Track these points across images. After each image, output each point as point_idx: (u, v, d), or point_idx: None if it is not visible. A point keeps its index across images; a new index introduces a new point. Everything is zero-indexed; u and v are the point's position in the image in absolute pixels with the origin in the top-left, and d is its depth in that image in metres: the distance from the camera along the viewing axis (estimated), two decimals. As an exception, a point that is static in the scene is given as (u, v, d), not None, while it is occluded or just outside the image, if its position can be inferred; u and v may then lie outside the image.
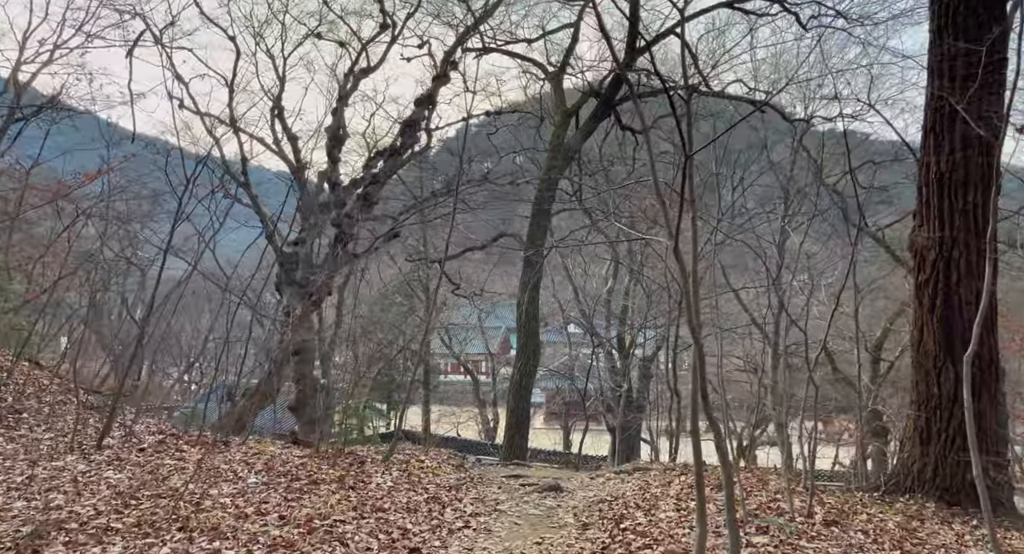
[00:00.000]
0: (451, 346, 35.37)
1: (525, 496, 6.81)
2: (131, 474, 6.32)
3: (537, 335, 15.44)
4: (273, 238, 13.12)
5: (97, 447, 7.19)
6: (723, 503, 4.55)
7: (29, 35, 14.88)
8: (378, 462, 7.60)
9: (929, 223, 6.91)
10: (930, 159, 6.93)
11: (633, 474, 8.13)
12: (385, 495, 6.23)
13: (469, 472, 7.86)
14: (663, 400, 29.32)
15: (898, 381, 19.11)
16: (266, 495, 5.90)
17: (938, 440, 6.70)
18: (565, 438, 33.33)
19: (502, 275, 31.49)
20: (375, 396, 24.85)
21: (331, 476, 6.67)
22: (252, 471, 6.69)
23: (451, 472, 7.72)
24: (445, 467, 7.93)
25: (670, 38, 16.47)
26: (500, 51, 18.10)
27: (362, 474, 6.90)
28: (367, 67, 14.27)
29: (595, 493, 6.87)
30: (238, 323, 22.41)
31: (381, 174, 12.17)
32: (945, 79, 6.75)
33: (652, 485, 6.94)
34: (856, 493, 6.84)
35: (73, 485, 5.86)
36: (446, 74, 12.45)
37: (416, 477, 7.09)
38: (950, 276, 6.75)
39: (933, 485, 6.66)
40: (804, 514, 5.68)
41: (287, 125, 14.34)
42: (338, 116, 13.34)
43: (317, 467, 7.05)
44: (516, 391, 14.57)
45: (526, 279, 14.88)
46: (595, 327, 24.14)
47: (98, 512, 5.17)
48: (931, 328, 6.84)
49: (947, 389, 6.69)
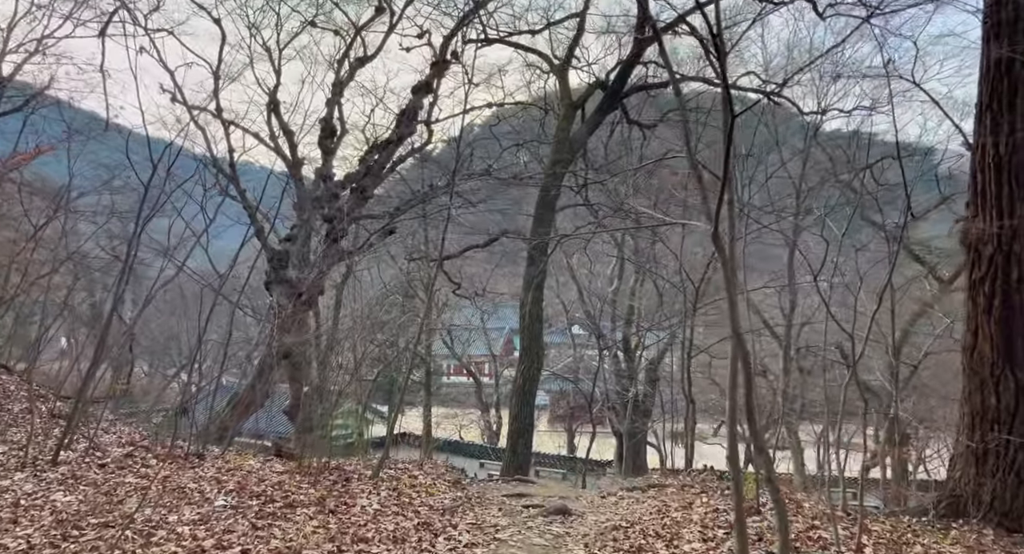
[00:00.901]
0: (453, 347, 34.64)
1: (529, 520, 6.04)
2: (83, 496, 5.58)
3: (541, 337, 14.68)
4: (262, 234, 12.41)
5: (52, 463, 6.46)
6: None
7: (14, 25, 14.24)
8: (366, 479, 6.85)
9: (985, 213, 6.13)
10: (986, 141, 6.14)
11: (647, 492, 7.36)
12: (370, 520, 5.48)
13: (467, 490, 7.10)
14: (671, 404, 28.61)
15: (920, 386, 18.34)
16: (233, 522, 5.16)
17: (996, 458, 5.92)
18: (569, 442, 32.55)
19: (505, 275, 30.76)
20: (376, 398, 24.12)
21: (310, 497, 5.92)
22: (222, 491, 5.94)
23: (447, 490, 6.96)
24: (440, 484, 7.18)
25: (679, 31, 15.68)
26: (503, 42, 17.32)
27: (346, 495, 6.15)
28: (364, 56, 13.55)
29: (607, 517, 6.10)
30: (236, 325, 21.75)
31: (376, 166, 11.42)
32: (1004, 44, 5.93)
33: (671, 507, 6.18)
34: (902, 518, 6.06)
35: (12, 510, 5.13)
36: (445, 60, 11.71)
37: (407, 497, 6.33)
38: (1009, 273, 5.97)
39: (991, 509, 5.88)
40: (852, 547, 4.91)
41: (283, 119, 13.66)
42: (332, 105, 12.63)
43: (297, 486, 6.30)
44: (519, 396, 13.82)
45: (529, 277, 14.12)
46: (601, 329, 23.40)
47: (31, 546, 4.44)
48: (987, 331, 6.06)
49: (1007, 400, 5.92)
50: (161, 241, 14.08)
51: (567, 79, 17.97)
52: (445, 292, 26.06)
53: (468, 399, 37.22)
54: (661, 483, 7.81)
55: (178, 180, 10.87)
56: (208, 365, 9.99)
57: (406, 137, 11.80)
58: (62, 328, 23.27)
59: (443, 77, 13.29)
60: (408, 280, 24.36)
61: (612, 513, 6.31)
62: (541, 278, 14.56)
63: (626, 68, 16.27)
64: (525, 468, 13.25)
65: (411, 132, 11.83)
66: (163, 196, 9.35)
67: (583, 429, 31.10)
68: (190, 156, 12.41)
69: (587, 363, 32.62)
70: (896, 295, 19.73)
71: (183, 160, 12.48)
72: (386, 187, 20.43)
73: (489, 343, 37.03)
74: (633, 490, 7.49)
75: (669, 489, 7.34)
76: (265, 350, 11.71)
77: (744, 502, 5.47)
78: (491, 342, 37.54)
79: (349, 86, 14.02)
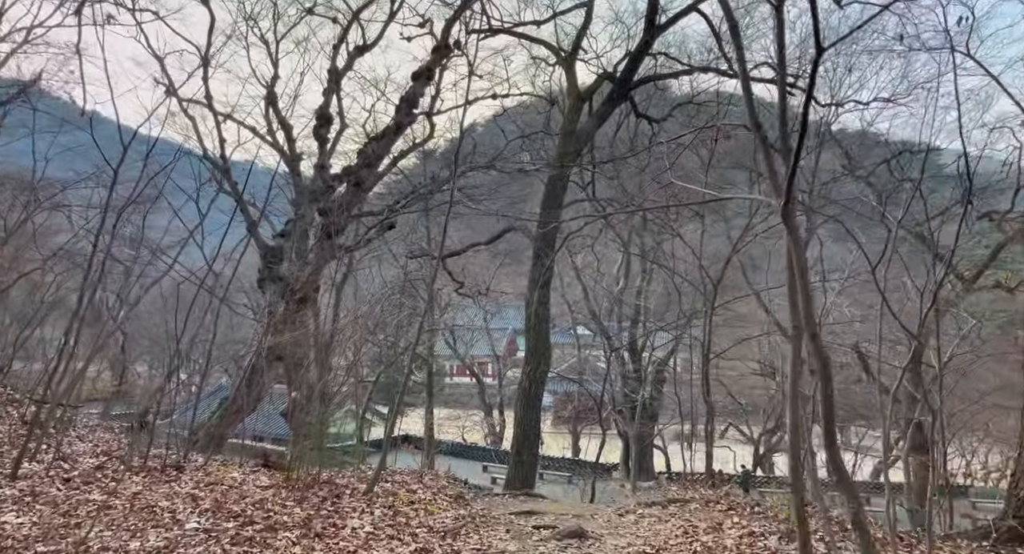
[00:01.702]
0: (456, 348, 34.03)
1: (541, 545, 5.39)
2: (38, 517, 4.96)
3: (547, 338, 14.01)
4: (255, 229, 11.79)
5: (12, 477, 5.83)
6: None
7: (5, 10, 13.65)
8: (359, 495, 6.21)
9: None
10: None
11: (668, 508, 6.71)
12: (360, 546, 4.84)
13: (470, 507, 6.45)
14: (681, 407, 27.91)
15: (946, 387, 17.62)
16: (203, 549, 4.52)
17: (1067, 476, 5.28)
18: (574, 444, 31.88)
19: (509, 274, 30.12)
20: (377, 398, 23.49)
21: (295, 518, 5.28)
22: (196, 511, 5.31)
23: (448, 507, 6.31)
24: (441, 499, 6.53)
25: (688, 23, 15.02)
26: (508, 32, 16.68)
27: (335, 514, 5.51)
28: (364, 44, 12.93)
29: (628, 541, 5.45)
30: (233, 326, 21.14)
31: (374, 156, 10.78)
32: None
33: (699, 529, 5.53)
34: (959, 542, 5.40)
35: (-48, 536, 4.51)
36: (447, 45, 11.07)
37: (404, 517, 5.69)
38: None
39: (1062, 534, 5.24)
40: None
41: (280, 113, 13.06)
42: (329, 93, 12.00)
43: (281, 504, 5.67)
44: (525, 400, 13.14)
45: (536, 275, 13.47)
46: (607, 330, 22.76)
47: (-38, 582, 3.82)
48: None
49: (1079, 411, 5.26)
50: (158, 239, 13.53)
51: (574, 71, 17.32)
52: (448, 291, 25.44)
53: (471, 400, 36.61)
54: (682, 497, 7.15)
55: (165, 172, 10.28)
56: (190, 367, 9.35)
57: (406, 126, 11.16)
58: (57, 327, 22.72)
59: (445, 64, 12.66)
60: (410, 279, 23.78)
61: (633, 535, 5.66)
62: (548, 276, 13.90)
63: (635, 58, 15.61)
64: (531, 477, 12.60)
65: (411, 121, 11.19)
66: (145, 187, 8.77)
67: (589, 430, 30.48)
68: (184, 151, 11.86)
69: (591, 364, 32.01)
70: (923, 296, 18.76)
71: (167, 152, 11.91)
72: (388, 185, 19.82)
73: (492, 343, 36.43)
74: (652, 505, 6.84)
75: (692, 505, 6.69)
76: (256, 351, 11.08)
77: (781, 522, 4.77)
78: (494, 342, 36.95)
79: (349, 78, 13.39)
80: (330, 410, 7.60)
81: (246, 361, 10.16)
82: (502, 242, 22.25)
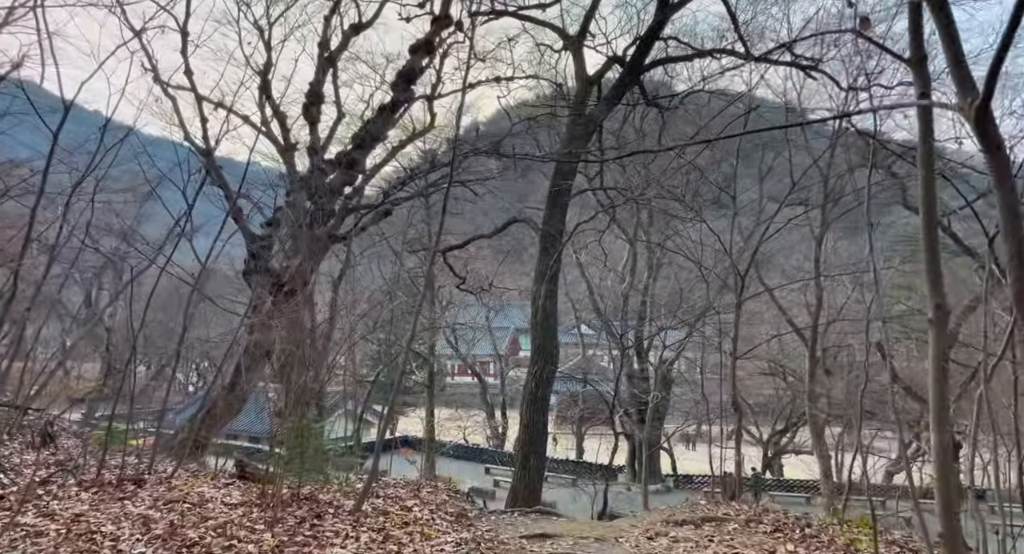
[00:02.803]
0: (457, 347, 33.14)
1: (559, 580, 4.50)
2: (-53, 548, 4.07)
3: (555, 336, 13.09)
4: (240, 217, 10.90)
5: (-68, 495, 4.95)
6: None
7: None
8: (344, 514, 5.31)
9: None
10: None
11: (703, 528, 5.80)
12: (340, 585, 3.95)
13: (474, 528, 5.54)
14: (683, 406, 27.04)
15: (971, 390, 16.74)
16: (142, 592, 3.63)
17: None
18: (578, 445, 31.01)
19: (512, 272, 29.26)
20: (376, 398, 22.64)
21: (263, 547, 4.39)
22: (145, 538, 4.41)
23: (448, 528, 5.41)
24: (440, 519, 5.63)
25: (698, 6, 14.11)
26: (513, 15, 15.79)
27: (313, 541, 4.61)
28: (359, 23, 12.06)
29: (666, 575, 4.54)
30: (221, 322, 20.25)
31: (368, 137, 9.89)
32: None
33: (747, 558, 4.63)
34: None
35: None
36: (447, 16, 10.19)
37: (395, 543, 4.79)
38: None
39: None
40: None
41: (274, 101, 12.22)
42: (321, 71, 11.12)
43: (250, 527, 4.77)
44: (532, 402, 12.24)
45: (542, 267, 12.57)
46: (613, 328, 21.89)
47: None
48: None
49: None
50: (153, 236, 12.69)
51: (582, 54, 16.42)
52: (449, 289, 24.56)
53: (472, 400, 35.75)
54: (715, 515, 6.25)
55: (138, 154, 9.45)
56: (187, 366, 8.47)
57: (402, 103, 10.27)
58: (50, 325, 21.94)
59: (445, 46, 11.79)
60: (411, 276, 22.92)
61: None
62: (556, 269, 13.01)
63: (647, 40, 14.73)
64: (538, 485, 11.69)
65: (408, 98, 10.31)
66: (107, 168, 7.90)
67: (594, 431, 29.58)
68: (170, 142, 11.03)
69: (595, 363, 31.11)
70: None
71: (162, 146, 11.11)
72: (386, 177, 18.94)
73: (494, 342, 35.55)
74: (683, 524, 5.93)
75: (730, 525, 5.78)
76: (242, 349, 10.20)
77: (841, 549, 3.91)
78: (496, 341, 36.09)
79: (346, 60, 12.55)
80: (317, 416, 6.69)
81: (222, 359, 9.25)
82: (505, 237, 21.35)
